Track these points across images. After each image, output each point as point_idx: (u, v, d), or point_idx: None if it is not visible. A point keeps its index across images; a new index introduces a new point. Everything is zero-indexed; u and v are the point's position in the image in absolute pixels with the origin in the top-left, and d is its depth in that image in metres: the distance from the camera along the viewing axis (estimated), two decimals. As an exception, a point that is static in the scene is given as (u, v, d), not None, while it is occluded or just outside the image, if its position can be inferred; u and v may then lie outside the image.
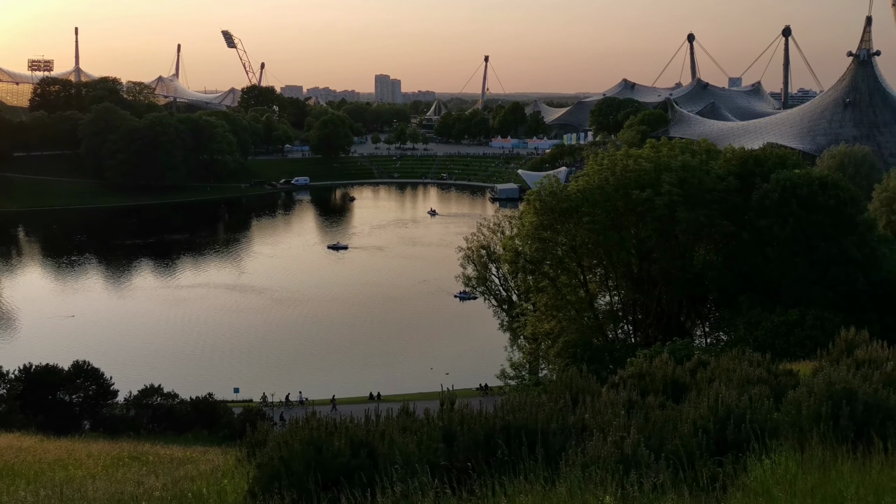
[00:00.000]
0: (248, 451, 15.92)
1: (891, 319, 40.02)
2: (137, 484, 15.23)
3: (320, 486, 9.89)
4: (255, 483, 11.22)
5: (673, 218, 44.22)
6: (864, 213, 45.75)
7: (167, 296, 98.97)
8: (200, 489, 13.45)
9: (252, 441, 16.60)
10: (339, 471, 10.41)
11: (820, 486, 7.87)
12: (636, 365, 19.73)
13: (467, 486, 9.10)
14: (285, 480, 10.39)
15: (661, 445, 11.07)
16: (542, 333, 50.50)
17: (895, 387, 12.64)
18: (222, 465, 17.91)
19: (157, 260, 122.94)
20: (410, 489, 8.66)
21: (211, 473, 16.68)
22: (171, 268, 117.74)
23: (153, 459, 23.75)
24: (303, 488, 10.02)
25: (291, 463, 10.62)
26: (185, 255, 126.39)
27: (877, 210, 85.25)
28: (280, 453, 11.12)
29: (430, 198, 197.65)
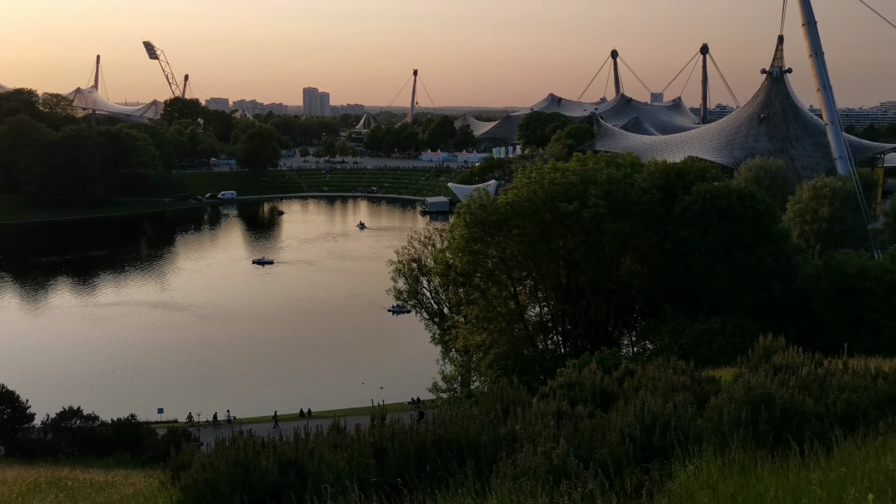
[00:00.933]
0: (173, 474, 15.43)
1: (805, 326, 41.73)
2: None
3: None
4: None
5: (599, 229, 45.11)
6: (779, 223, 47.62)
7: (87, 314, 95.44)
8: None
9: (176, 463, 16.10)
10: (267, 491, 10.19)
11: (741, 490, 8.09)
12: (566, 375, 20.00)
13: (398, 502, 9.02)
14: (211, 502, 10.10)
15: (589, 454, 11.22)
16: (473, 346, 50.71)
17: (810, 391, 13.16)
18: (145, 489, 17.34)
19: (75, 277, 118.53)
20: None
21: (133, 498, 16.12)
22: (91, 285, 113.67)
23: (72, 485, 22.83)
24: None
25: (217, 485, 10.34)
26: (105, 271, 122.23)
27: (790, 221, 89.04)
28: (205, 475, 10.82)
29: (360, 211, 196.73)
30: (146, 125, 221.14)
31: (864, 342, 37.68)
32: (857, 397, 12.48)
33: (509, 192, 49.98)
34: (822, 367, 15.55)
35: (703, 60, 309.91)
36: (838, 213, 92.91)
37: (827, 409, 12.17)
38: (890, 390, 13.35)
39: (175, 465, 15.91)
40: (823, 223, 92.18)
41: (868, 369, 15.42)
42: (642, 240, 46.27)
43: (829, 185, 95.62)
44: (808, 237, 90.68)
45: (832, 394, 12.80)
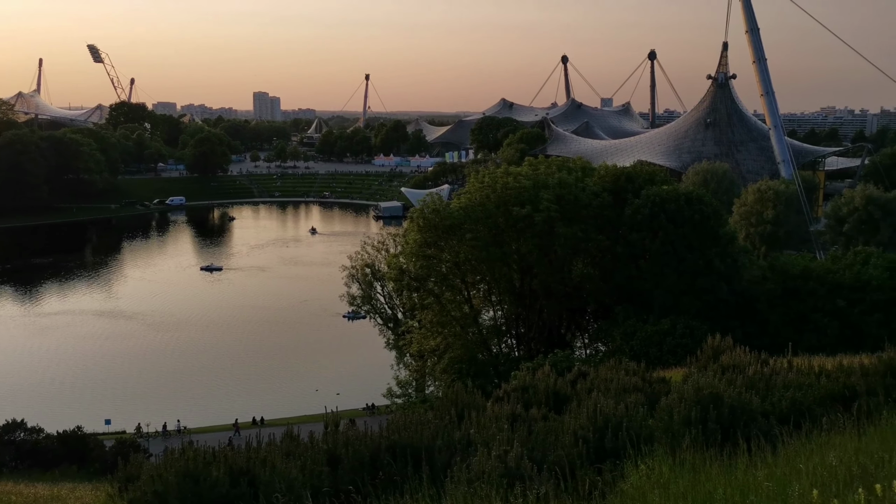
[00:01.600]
0: (120, 486, 15.08)
1: (752, 326, 42.70)
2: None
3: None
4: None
5: (552, 233, 45.53)
6: (726, 226, 48.67)
7: (30, 324, 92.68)
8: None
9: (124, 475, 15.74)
10: (218, 502, 10.02)
11: (691, 489, 8.23)
12: (520, 378, 20.14)
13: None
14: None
15: (544, 457, 11.29)
16: (427, 350, 50.68)
17: (757, 390, 13.47)
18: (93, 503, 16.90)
19: (18, 286, 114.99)
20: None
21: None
22: (35, 294, 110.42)
23: (16, 500, 22.11)
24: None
25: (166, 496, 10.13)
26: (49, 280, 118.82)
27: (736, 223, 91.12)
28: (154, 487, 10.59)
29: (312, 216, 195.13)
30: (91, 130, 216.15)
31: (808, 341, 38.75)
32: (802, 395, 12.82)
33: (462, 196, 50.13)
34: (768, 367, 15.94)
35: (651, 66, 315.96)
36: (782, 215, 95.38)
37: (773, 408, 12.47)
38: (832, 388, 13.73)
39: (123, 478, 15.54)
40: (768, 225, 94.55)
41: (811, 367, 15.86)
42: (594, 243, 46.83)
43: (773, 188, 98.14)
44: (754, 239, 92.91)
45: (777, 392, 13.13)
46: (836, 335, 39.74)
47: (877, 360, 13.48)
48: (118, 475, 16.06)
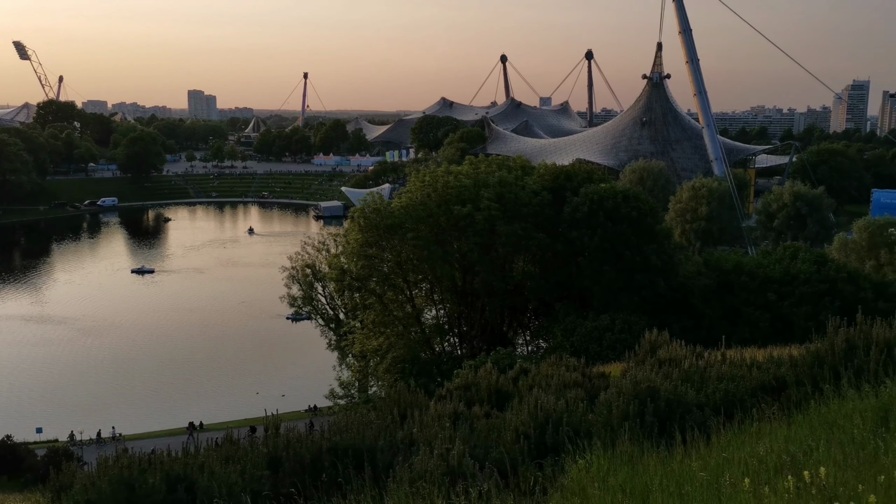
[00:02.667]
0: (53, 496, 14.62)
1: (688, 320, 43.74)
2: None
3: (134, 529, 9.23)
4: (59, 532, 10.31)
5: (493, 232, 45.83)
6: (662, 223, 49.78)
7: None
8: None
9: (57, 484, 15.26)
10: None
11: (629, 481, 8.39)
12: (462, 376, 20.24)
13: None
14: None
15: (486, 454, 11.37)
16: (370, 350, 50.43)
17: (692, 383, 13.82)
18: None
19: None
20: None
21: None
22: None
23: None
24: (114, 532, 9.32)
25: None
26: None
27: (672, 220, 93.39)
28: (87, 496, 10.31)
29: (250, 217, 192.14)
30: (17, 129, 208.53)
31: (741, 333, 39.94)
32: (735, 386, 13.20)
33: (403, 195, 50.04)
34: (703, 360, 16.36)
35: (589, 66, 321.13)
36: (715, 212, 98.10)
37: (707, 399, 12.80)
38: (763, 378, 14.17)
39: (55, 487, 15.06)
40: (702, 222, 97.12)
41: (744, 359, 16.33)
42: (534, 241, 47.31)
43: (707, 185, 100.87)
44: (689, 235, 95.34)
45: (712, 384, 13.49)
46: (767, 327, 41.04)
47: (805, 351, 13.97)
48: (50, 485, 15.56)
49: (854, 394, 10.54)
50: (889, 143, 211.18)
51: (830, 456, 7.76)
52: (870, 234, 74.19)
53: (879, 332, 12.73)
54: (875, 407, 9.42)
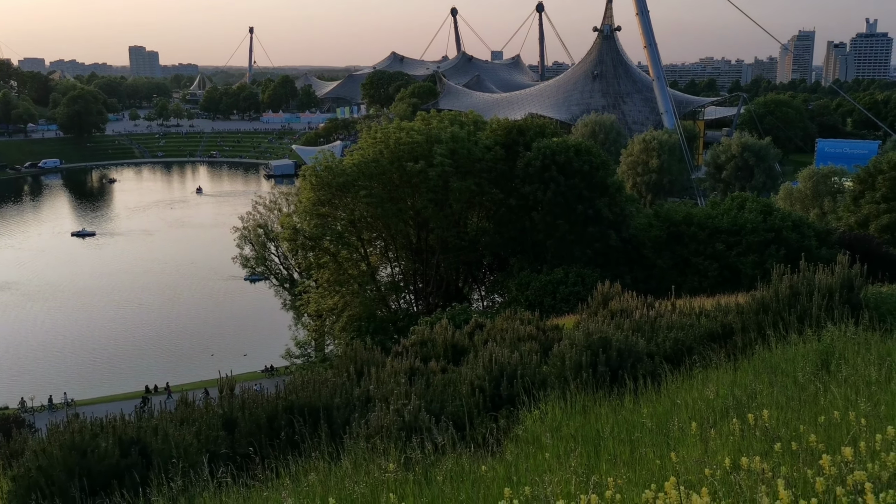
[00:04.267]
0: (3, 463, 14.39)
1: (639, 271, 44.52)
2: None
3: (87, 492, 9.13)
4: (11, 497, 10.15)
5: (446, 188, 45.71)
6: (614, 176, 50.17)
7: None
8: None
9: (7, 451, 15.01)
10: (108, 473, 9.68)
11: (581, 429, 8.56)
12: (418, 333, 20.34)
13: (251, 472, 8.83)
14: (46, 490, 9.48)
15: (442, 408, 11.49)
16: (325, 309, 50.29)
17: (643, 332, 14.09)
18: (-28, 484, 16.03)
19: None
20: (187, 483, 8.24)
21: (-42, 495, 14.87)
22: None
23: None
24: (66, 496, 9.20)
25: (51, 471, 9.70)
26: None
27: (624, 173, 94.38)
28: (38, 462, 10.13)
29: (199, 177, 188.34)
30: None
31: (690, 283, 40.81)
32: (684, 335, 13.51)
33: (355, 153, 49.49)
34: (654, 310, 16.69)
35: (540, 19, 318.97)
36: (666, 164, 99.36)
37: (658, 348, 13.09)
38: (711, 326, 14.53)
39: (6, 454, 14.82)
40: (653, 174, 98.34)
41: (693, 308, 16.72)
42: (487, 196, 47.36)
43: (657, 138, 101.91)
44: (640, 188, 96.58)
45: (662, 333, 13.78)
46: (715, 276, 41.99)
47: (751, 299, 14.33)
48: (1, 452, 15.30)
49: (797, 339, 10.87)
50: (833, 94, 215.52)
51: (774, 399, 8.01)
52: (814, 182, 76.10)
53: (822, 278, 13.10)
54: (817, 351, 9.74)
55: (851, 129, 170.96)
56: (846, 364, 8.93)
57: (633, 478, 6.31)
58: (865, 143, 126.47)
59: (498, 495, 6.04)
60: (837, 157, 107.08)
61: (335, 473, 8.09)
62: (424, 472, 7.62)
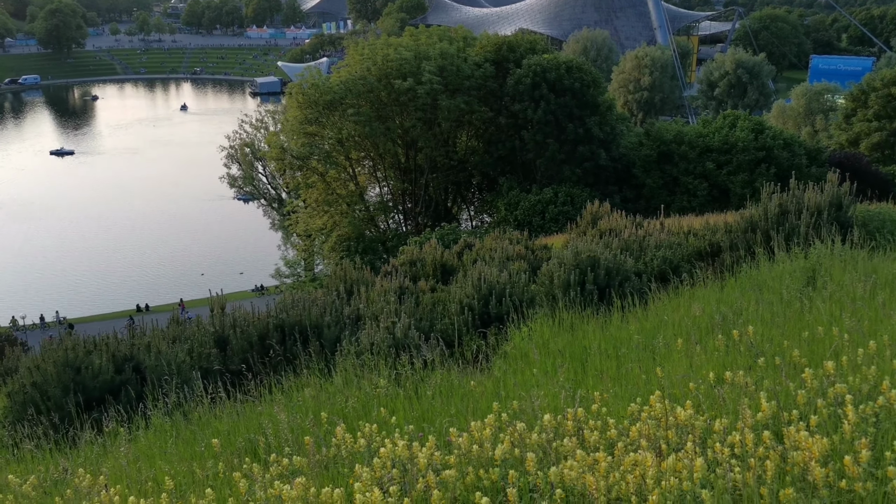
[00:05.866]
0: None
1: (629, 191, 44.55)
2: None
3: (82, 408, 9.28)
4: (7, 413, 10.32)
5: (435, 106, 45.10)
6: (605, 94, 49.57)
7: None
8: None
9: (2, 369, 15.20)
10: (103, 389, 9.83)
11: (569, 346, 8.70)
12: (407, 252, 20.39)
13: (243, 388, 8.98)
14: (42, 406, 9.63)
15: (431, 326, 11.63)
16: (314, 229, 50.28)
17: (631, 251, 14.18)
18: (-32, 402, 16.27)
19: None
20: (182, 398, 8.37)
21: (-46, 412, 15.10)
22: None
23: None
24: (62, 412, 9.35)
25: (46, 387, 9.83)
26: None
27: (615, 91, 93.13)
28: (33, 378, 10.26)
29: (183, 94, 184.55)
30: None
31: (679, 202, 40.91)
32: (672, 254, 13.61)
33: (342, 70, 48.55)
34: (642, 229, 16.75)
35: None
36: (658, 81, 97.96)
37: (645, 267, 13.20)
38: (699, 245, 14.63)
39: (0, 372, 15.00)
40: (645, 92, 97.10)
41: (681, 227, 16.79)
42: (477, 115, 46.81)
43: (650, 54, 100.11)
44: (631, 106, 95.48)
45: (650, 252, 13.87)
46: (705, 196, 42.10)
47: (740, 218, 14.39)
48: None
49: (784, 256, 10.96)
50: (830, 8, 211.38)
51: (759, 315, 8.14)
52: (807, 100, 75.44)
53: (811, 196, 13.13)
54: (803, 268, 9.84)
55: (846, 45, 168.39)
56: (832, 281, 9.05)
57: (619, 392, 6.45)
58: (860, 60, 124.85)
59: (487, 409, 6.17)
60: (831, 73, 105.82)
61: (327, 389, 8.24)
62: (415, 387, 7.76)
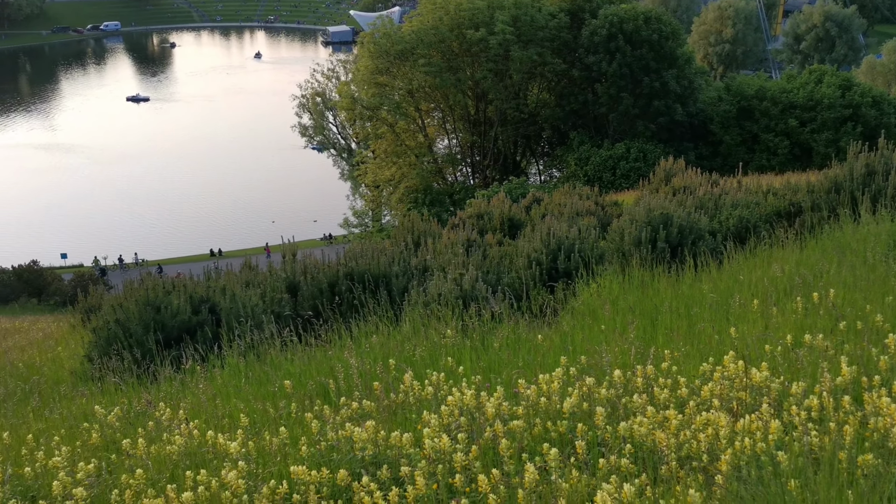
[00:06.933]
0: (83, 317, 15.26)
1: (705, 148, 43.32)
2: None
3: (161, 345, 9.66)
4: (92, 348, 10.81)
5: (507, 57, 44.45)
6: (684, 46, 47.97)
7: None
8: (32, 358, 12.83)
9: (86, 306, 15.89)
10: (181, 328, 10.19)
11: (639, 303, 8.58)
12: (475, 205, 20.33)
13: (314, 333, 9.18)
14: (124, 342, 10.05)
15: (498, 279, 11.62)
16: (383, 180, 50.62)
17: (706, 210, 13.82)
18: (55, 333, 17.15)
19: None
20: (255, 341, 8.62)
21: (43, 342, 15.94)
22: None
23: (-23, 334, 22.31)
24: (143, 348, 9.76)
25: (129, 325, 10.25)
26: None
27: (695, 43, 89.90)
28: (116, 316, 10.70)
29: (257, 42, 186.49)
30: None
31: (759, 161, 39.60)
32: (749, 213, 13.19)
33: (414, 19, 48.19)
34: (718, 187, 16.28)
35: None
36: (741, 34, 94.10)
37: (721, 226, 12.85)
38: (778, 205, 14.14)
39: (85, 308, 15.71)
40: (726, 45, 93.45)
41: (760, 186, 16.24)
42: (549, 67, 45.95)
43: (734, 5, 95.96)
44: (711, 59, 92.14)
45: (726, 211, 13.48)
46: (786, 154, 40.66)
47: (823, 177, 13.82)
48: (80, 306, 16.22)
49: (870, 219, 10.51)
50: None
51: (841, 278, 7.85)
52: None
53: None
54: (889, 231, 9.42)
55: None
56: (920, 246, 8.64)
57: (690, 351, 6.34)
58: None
59: (554, 363, 6.16)
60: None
61: (395, 337, 8.35)
62: (481, 338, 7.79)
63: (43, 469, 5.54)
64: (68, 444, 6.00)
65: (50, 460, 5.53)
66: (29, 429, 6.86)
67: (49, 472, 5.43)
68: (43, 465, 5.57)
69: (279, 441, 5.21)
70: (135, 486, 4.95)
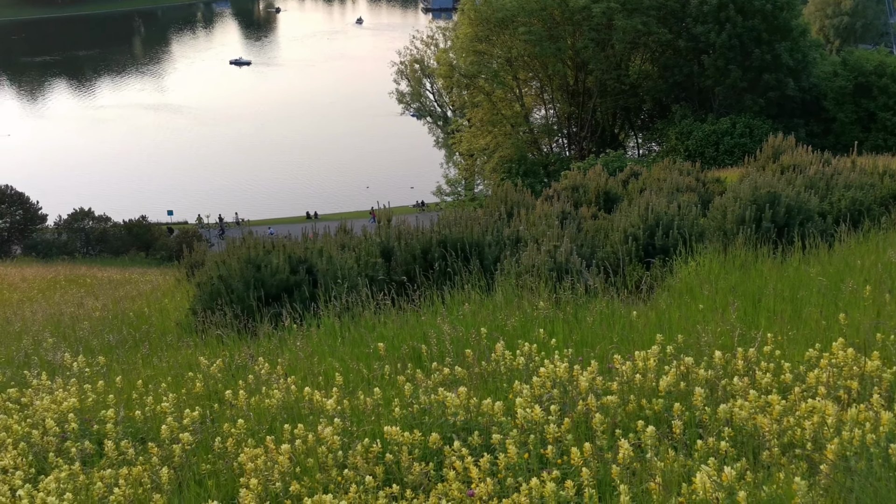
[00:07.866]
0: (188, 272, 15.94)
1: (817, 125, 41.27)
2: (77, 305, 15.20)
3: (262, 303, 9.99)
4: (196, 301, 11.28)
5: (610, 27, 43.36)
6: (799, 17, 45.59)
7: (85, 117, 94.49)
8: (142, 308, 13.51)
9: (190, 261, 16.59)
10: (280, 287, 10.50)
11: (741, 284, 8.29)
12: (570, 177, 20.05)
13: (407, 298, 9.30)
14: (226, 297, 10.44)
15: (592, 253, 11.45)
16: (477, 149, 50.50)
17: (816, 189, 13.17)
18: (162, 286, 18.00)
19: (69, 79, 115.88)
20: (350, 302, 8.80)
21: (151, 293, 16.76)
22: (86, 87, 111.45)
23: (91, 282, 23.70)
24: (244, 304, 10.12)
25: (231, 281, 10.64)
26: (98, 73, 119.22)
27: (811, 14, 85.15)
28: (219, 272, 11.11)
29: (359, 7, 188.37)
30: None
31: (874, 140, 37.47)
32: (863, 195, 12.49)
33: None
34: (830, 166, 15.47)
35: None
36: (861, 6, 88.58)
37: (832, 207, 12.24)
38: (895, 187, 13.35)
39: (189, 264, 16.41)
40: (845, 17, 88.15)
41: (876, 167, 15.34)
42: (654, 37, 44.53)
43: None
44: (828, 32, 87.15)
45: (838, 192, 12.81)
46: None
47: (947, 161, 12.93)
48: (185, 262, 16.96)
49: None
50: None
51: (965, 269, 7.36)
52: None
53: None
54: None
55: None
56: None
57: (795, 336, 6.08)
58: None
59: (649, 341, 6.04)
60: None
61: (487, 306, 8.36)
62: (575, 312, 7.71)
63: (152, 413, 5.86)
64: (174, 391, 6.32)
65: (158, 405, 5.85)
66: (139, 374, 7.25)
67: (157, 417, 5.74)
68: (152, 410, 5.90)
69: (373, 401, 5.32)
70: (236, 435, 5.18)
